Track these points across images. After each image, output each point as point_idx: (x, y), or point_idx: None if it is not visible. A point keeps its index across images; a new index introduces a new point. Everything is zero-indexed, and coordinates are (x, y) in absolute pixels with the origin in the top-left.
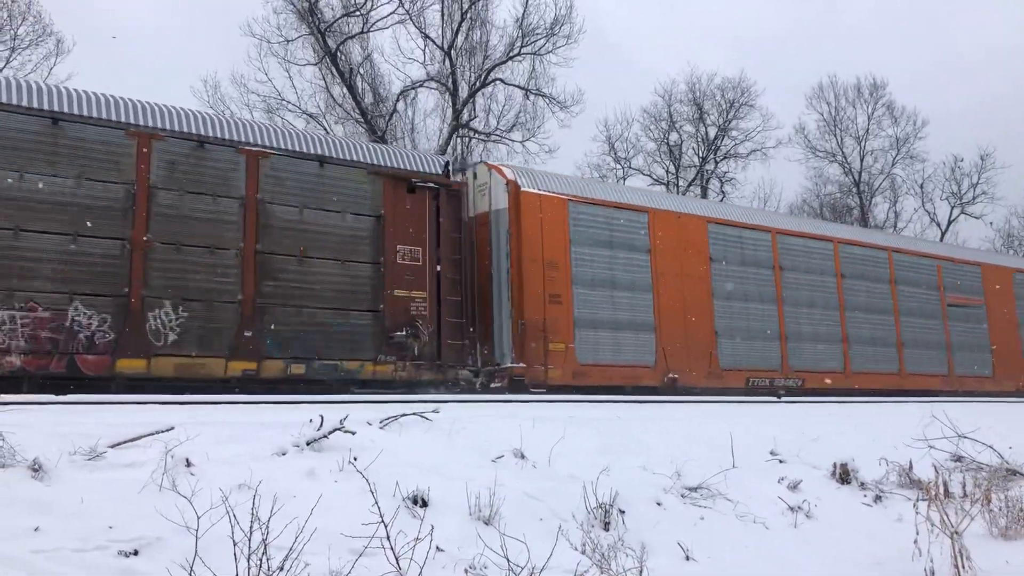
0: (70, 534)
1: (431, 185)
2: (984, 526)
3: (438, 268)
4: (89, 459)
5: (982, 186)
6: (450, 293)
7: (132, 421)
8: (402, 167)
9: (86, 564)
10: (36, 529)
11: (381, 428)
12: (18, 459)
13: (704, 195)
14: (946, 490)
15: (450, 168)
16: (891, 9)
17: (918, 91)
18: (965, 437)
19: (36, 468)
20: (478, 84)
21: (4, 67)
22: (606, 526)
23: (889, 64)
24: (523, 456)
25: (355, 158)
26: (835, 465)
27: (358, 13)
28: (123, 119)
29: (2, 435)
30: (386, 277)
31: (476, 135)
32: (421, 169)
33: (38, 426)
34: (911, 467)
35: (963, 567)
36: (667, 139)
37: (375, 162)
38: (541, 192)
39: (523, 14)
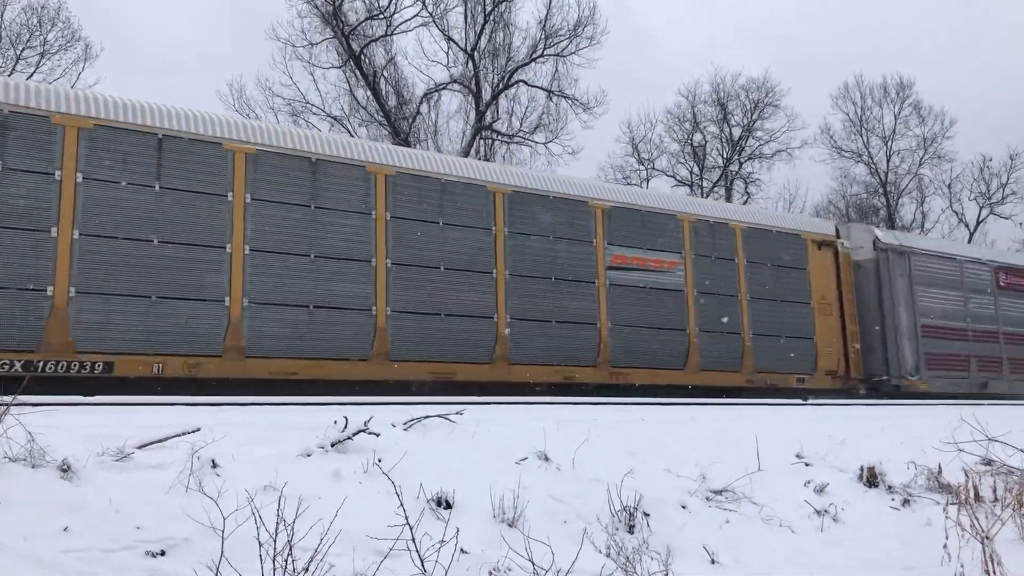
0: (99, 534)
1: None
2: (1016, 531)
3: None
4: (117, 460)
5: (1011, 186)
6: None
7: (159, 422)
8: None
9: (115, 564)
10: (65, 529)
11: (405, 430)
12: (48, 460)
13: (728, 196)
14: (976, 494)
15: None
16: (918, 6)
17: (946, 89)
18: (995, 440)
19: (65, 469)
20: (501, 86)
21: (34, 72)
22: (631, 529)
23: (916, 60)
24: (547, 458)
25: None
26: (862, 468)
27: (381, 16)
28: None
29: (32, 436)
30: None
31: (499, 137)
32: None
33: (67, 427)
34: (940, 470)
35: (994, 572)
36: (691, 140)
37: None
38: None
39: (546, 16)
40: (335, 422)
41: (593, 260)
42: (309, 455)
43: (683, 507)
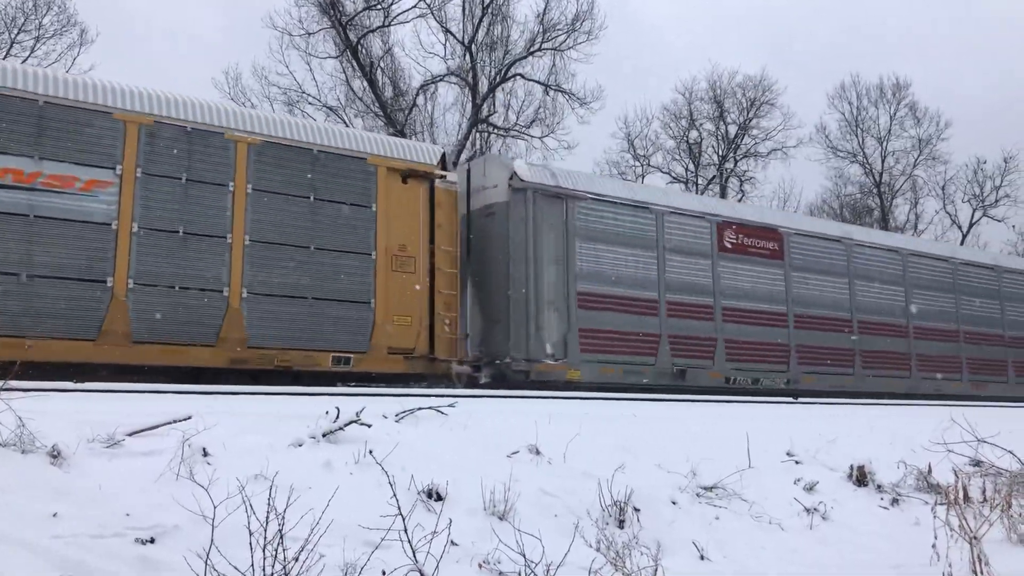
0: (88, 521)
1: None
2: (1003, 532)
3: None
4: (107, 447)
5: (1005, 188)
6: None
7: (150, 410)
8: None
9: (104, 551)
10: (55, 515)
11: (397, 421)
12: (37, 445)
13: (723, 194)
14: (965, 494)
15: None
16: (917, 7)
17: (941, 91)
18: (984, 441)
19: (55, 454)
20: (498, 79)
21: (28, 56)
22: (621, 524)
23: (912, 63)
24: (538, 452)
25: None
26: (852, 467)
27: (379, 7)
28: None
29: (22, 421)
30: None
31: (495, 130)
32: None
33: (57, 413)
34: (930, 470)
35: (981, 572)
36: (687, 137)
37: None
38: None
39: (544, 9)
40: (327, 412)
41: None
42: (300, 445)
43: (673, 503)
